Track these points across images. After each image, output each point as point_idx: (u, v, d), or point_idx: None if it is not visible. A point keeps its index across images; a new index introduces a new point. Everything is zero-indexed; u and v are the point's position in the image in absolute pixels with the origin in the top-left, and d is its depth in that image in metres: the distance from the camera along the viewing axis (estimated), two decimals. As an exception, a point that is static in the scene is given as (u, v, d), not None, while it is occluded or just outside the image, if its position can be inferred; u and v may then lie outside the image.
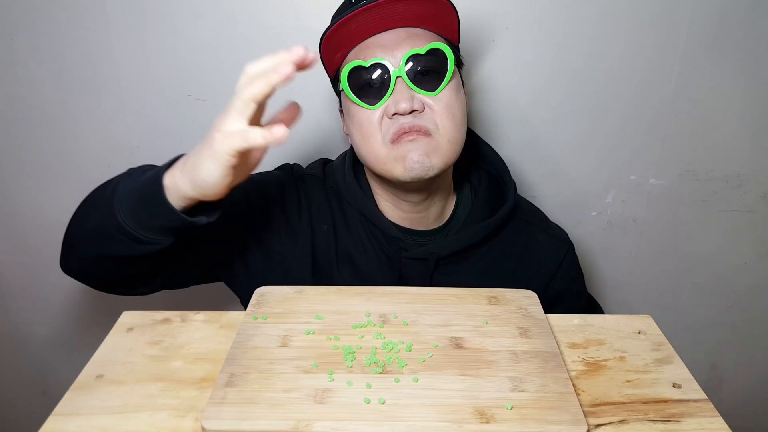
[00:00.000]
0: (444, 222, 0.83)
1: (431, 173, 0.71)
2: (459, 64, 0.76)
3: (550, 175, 1.12)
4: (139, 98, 1.03)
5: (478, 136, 0.87)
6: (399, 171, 0.71)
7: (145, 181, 0.60)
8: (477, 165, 0.87)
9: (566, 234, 0.88)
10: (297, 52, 0.52)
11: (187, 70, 1.01)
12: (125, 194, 0.61)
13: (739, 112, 1.06)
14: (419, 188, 0.76)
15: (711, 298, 1.25)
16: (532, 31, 0.99)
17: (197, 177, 0.56)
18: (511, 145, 1.08)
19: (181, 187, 0.58)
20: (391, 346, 0.58)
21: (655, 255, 1.21)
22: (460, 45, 0.78)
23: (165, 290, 0.79)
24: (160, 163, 0.77)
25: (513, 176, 0.84)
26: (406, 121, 0.69)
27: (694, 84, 1.03)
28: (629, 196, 1.14)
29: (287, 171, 0.84)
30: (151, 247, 0.62)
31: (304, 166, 0.88)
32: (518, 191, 0.90)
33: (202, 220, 0.61)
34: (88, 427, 0.50)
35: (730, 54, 1.01)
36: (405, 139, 0.69)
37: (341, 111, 0.79)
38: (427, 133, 0.70)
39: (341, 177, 0.81)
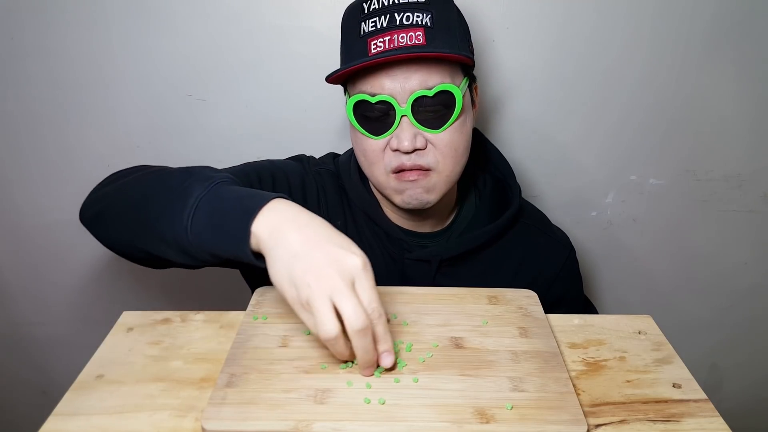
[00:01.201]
0: (447, 224, 0.83)
1: (428, 206, 0.74)
2: (472, 81, 0.75)
3: (550, 175, 1.12)
4: (140, 98, 1.03)
5: (486, 138, 0.87)
6: (397, 200, 0.74)
7: (234, 214, 0.55)
8: (483, 167, 0.87)
9: (568, 238, 0.88)
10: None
11: (187, 70, 1.01)
12: (204, 213, 0.56)
13: (739, 112, 1.06)
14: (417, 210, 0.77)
15: (711, 298, 1.25)
16: (532, 31, 0.99)
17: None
18: (511, 145, 1.08)
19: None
20: (391, 346, 0.58)
21: (655, 255, 1.21)
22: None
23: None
24: (159, 161, 0.77)
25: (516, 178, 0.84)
26: (408, 159, 0.70)
27: (695, 84, 1.03)
28: (629, 196, 1.14)
29: (305, 163, 0.84)
30: (197, 264, 0.60)
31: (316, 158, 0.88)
32: (536, 206, 0.90)
33: (261, 263, 0.55)
34: (88, 427, 0.50)
35: (729, 54, 1.01)
36: (405, 178, 0.71)
37: None
38: (426, 171, 0.71)
39: (347, 176, 0.82)
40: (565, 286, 0.85)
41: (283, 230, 0.52)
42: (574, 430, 0.48)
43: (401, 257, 0.79)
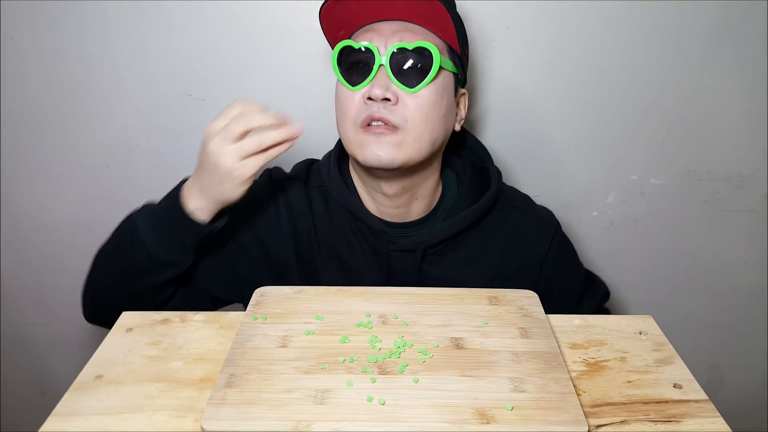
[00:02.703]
0: (429, 212, 0.83)
1: (390, 166, 0.71)
2: (455, 70, 0.76)
3: (551, 174, 1.12)
4: (139, 98, 1.03)
5: (463, 128, 0.86)
6: (359, 157, 0.72)
7: (169, 214, 0.70)
8: (461, 156, 0.87)
9: (552, 215, 0.87)
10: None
11: (187, 70, 1.01)
12: (150, 228, 0.70)
13: (740, 112, 1.06)
14: (387, 177, 0.76)
15: (712, 298, 1.25)
16: (533, 30, 0.99)
17: (224, 199, 0.69)
18: (511, 144, 1.08)
19: (209, 207, 0.70)
20: (391, 346, 0.58)
21: (656, 255, 1.21)
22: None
23: None
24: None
25: (511, 174, 0.84)
26: (377, 110, 0.70)
27: (695, 84, 1.03)
28: (630, 196, 1.14)
29: (265, 177, 0.85)
30: (176, 269, 0.73)
31: (288, 169, 0.88)
32: (519, 190, 0.90)
33: (220, 223, 0.72)
34: (88, 428, 0.50)
35: (730, 54, 1.01)
36: (372, 131, 0.71)
37: None
38: (394, 128, 0.70)
39: (327, 175, 0.82)
40: (557, 264, 0.84)
41: (198, 185, 0.70)
42: (574, 430, 0.48)
43: (385, 250, 0.79)
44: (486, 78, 1.03)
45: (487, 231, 0.82)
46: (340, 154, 0.83)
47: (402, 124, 0.70)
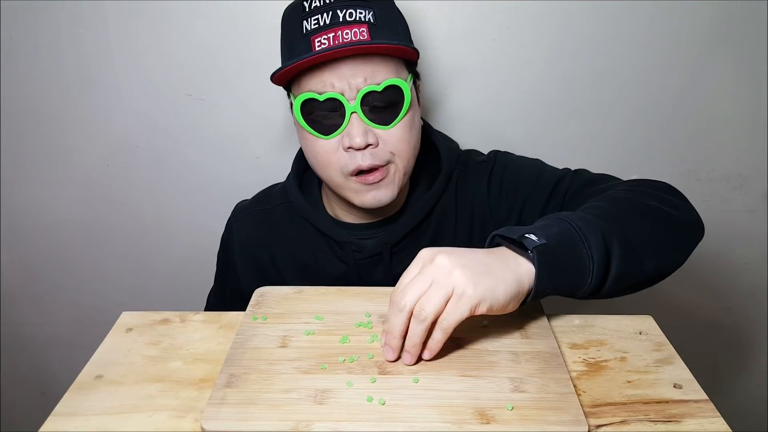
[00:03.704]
0: (400, 207, 0.83)
1: (389, 202, 0.73)
2: (416, 78, 0.75)
3: (551, 175, 1.11)
4: (139, 98, 1.03)
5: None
6: (356, 201, 0.73)
7: None
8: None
9: (496, 151, 0.84)
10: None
11: (187, 70, 1.01)
12: None
13: (740, 112, 1.06)
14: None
15: (711, 298, 1.25)
16: (532, 30, 0.98)
17: None
18: (510, 144, 1.08)
19: None
20: (391, 346, 0.58)
21: (656, 255, 1.21)
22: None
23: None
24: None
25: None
26: (363, 159, 0.69)
27: (696, 84, 1.03)
28: (630, 196, 1.14)
29: (227, 227, 0.89)
30: None
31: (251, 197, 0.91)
32: (470, 150, 0.88)
33: None
34: (88, 428, 0.50)
35: (729, 54, 1.01)
36: (367, 180, 0.70)
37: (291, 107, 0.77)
38: (384, 167, 0.71)
39: (290, 192, 0.82)
40: (512, 185, 0.79)
41: None
42: (574, 430, 0.48)
43: (353, 260, 0.79)
44: (485, 78, 1.03)
45: (440, 208, 0.80)
46: (298, 169, 0.84)
47: (390, 158, 0.71)
